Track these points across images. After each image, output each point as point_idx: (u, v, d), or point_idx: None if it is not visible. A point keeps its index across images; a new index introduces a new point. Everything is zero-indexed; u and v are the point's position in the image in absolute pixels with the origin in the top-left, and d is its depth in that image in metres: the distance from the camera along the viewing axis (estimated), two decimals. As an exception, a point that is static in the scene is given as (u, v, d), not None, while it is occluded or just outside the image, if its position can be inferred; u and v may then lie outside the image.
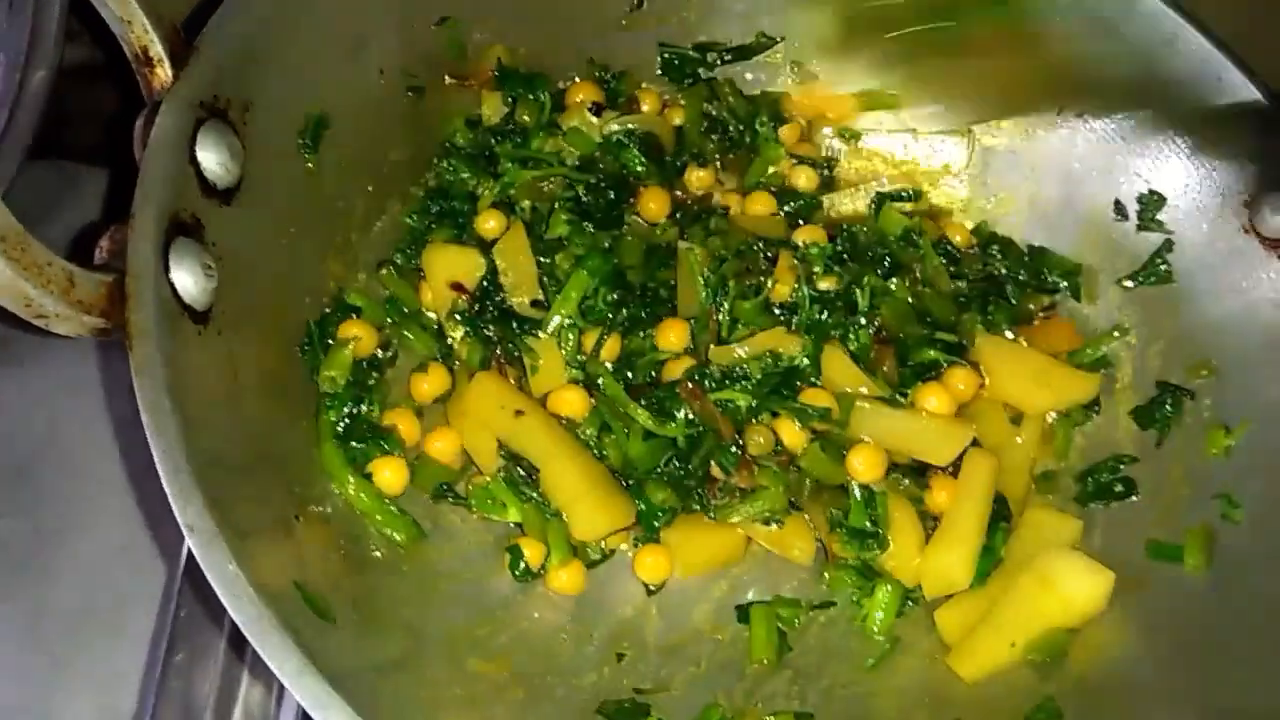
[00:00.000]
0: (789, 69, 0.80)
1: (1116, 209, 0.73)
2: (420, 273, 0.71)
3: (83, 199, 0.82)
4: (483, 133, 0.74)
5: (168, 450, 0.47)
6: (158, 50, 0.56)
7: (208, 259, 0.54)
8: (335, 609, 0.52)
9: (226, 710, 0.64)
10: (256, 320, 0.59)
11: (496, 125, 0.74)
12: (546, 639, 0.63)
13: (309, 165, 0.64)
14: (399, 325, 0.69)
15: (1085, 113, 0.74)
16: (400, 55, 0.69)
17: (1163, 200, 0.71)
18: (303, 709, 0.45)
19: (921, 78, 0.78)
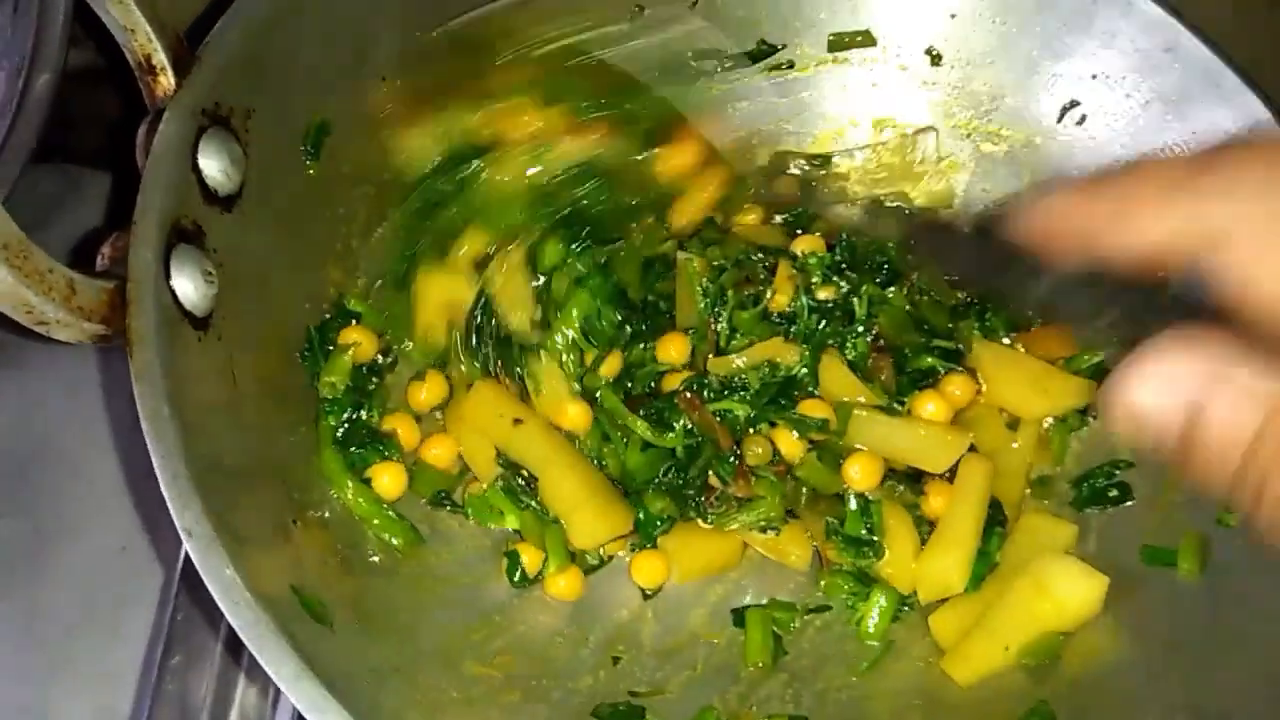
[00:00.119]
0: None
1: (1114, 216, 0.73)
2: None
3: (85, 202, 0.82)
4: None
5: (167, 455, 0.48)
6: (161, 58, 0.56)
7: (208, 266, 0.55)
8: (332, 613, 0.53)
9: (222, 713, 0.64)
10: (256, 326, 0.59)
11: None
12: (543, 642, 0.64)
13: (310, 172, 0.64)
14: (397, 335, 0.69)
15: (1084, 121, 0.74)
16: (401, 63, 0.69)
17: (1160, 207, 0.72)
18: (298, 712, 0.45)
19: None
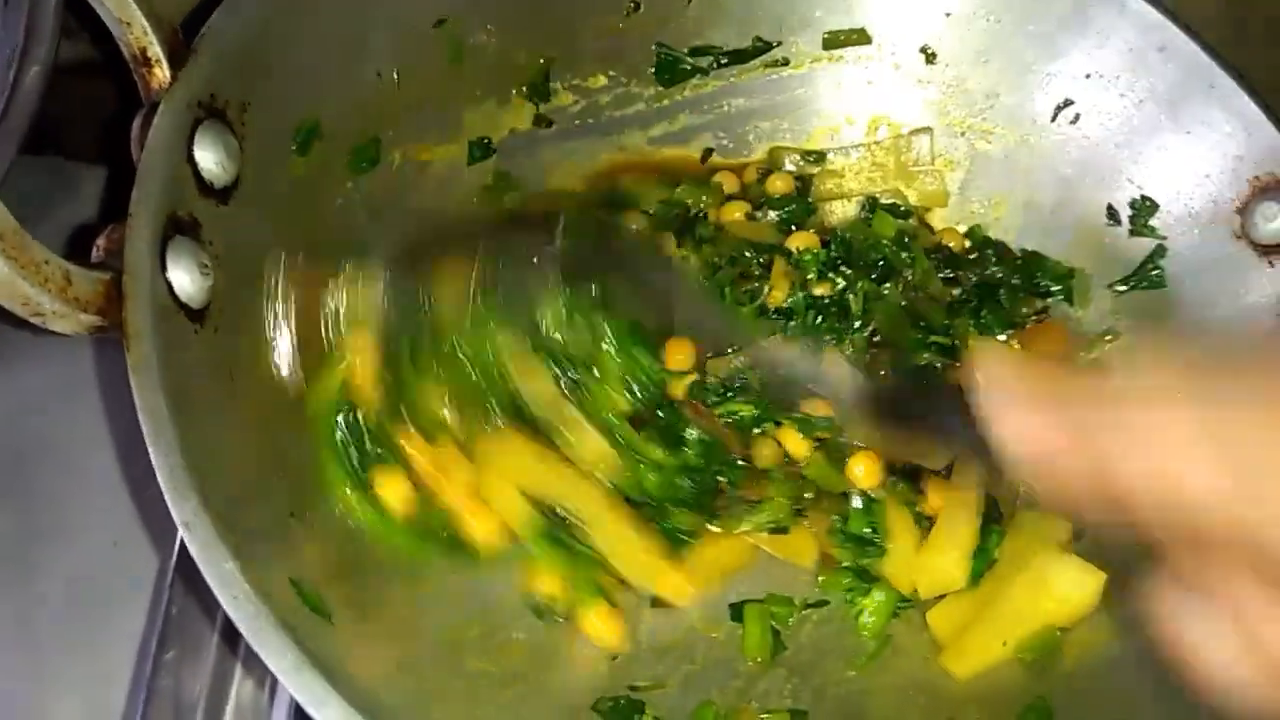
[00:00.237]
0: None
1: (1109, 214, 0.74)
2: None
3: (79, 197, 0.81)
4: None
5: (164, 448, 0.48)
6: (156, 51, 0.56)
7: (204, 258, 0.55)
8: (332, 606, 0.52)
9: (218, 707, 0.64)
10: (253, 320, 0.59)
11: None
12: (543, 638, 0.63)
13: (307, 163, 0.64)
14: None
15: (1078, 120, 0.74)
16: (398, 56, 0.69)
17: (1155, 206, 0.72)
18: (296, 706, 0.45)
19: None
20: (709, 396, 0.68)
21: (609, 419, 0.66)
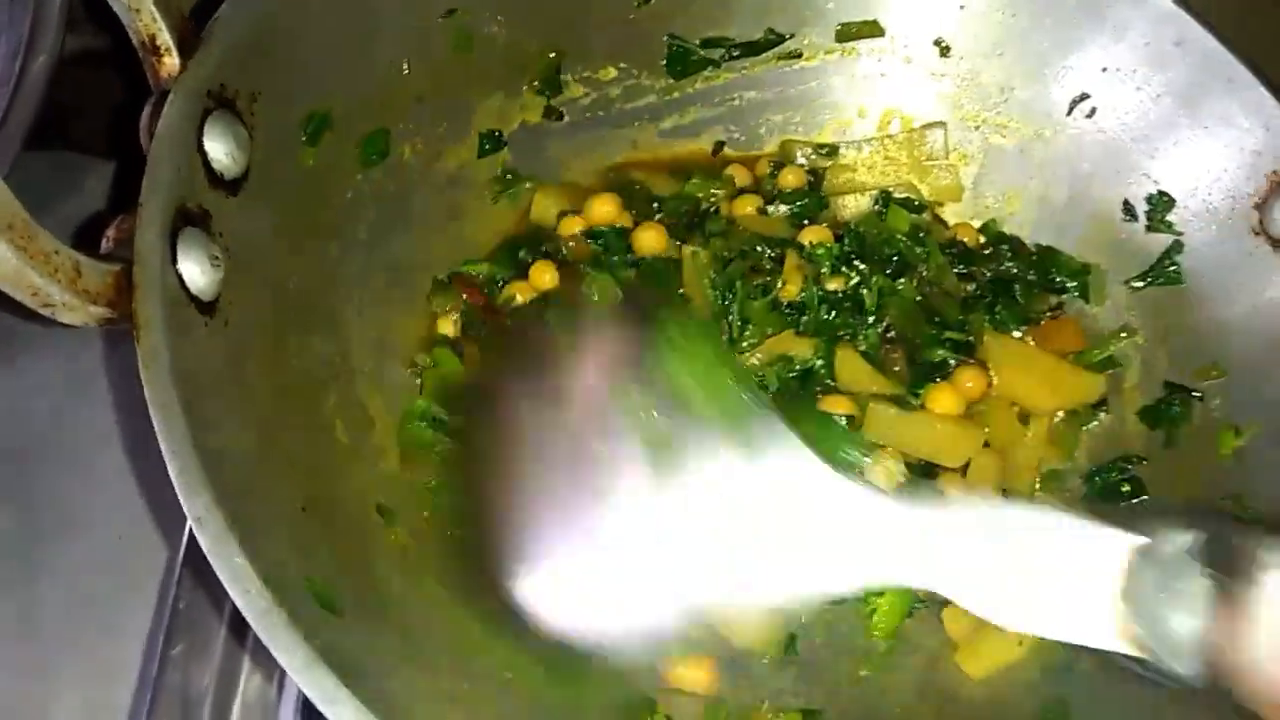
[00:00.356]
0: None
1: (1125, 210, 0.73)
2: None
3: (86, 190, 0.81)
4: None
5: (175, 442, 0.47)
6: (165, 39, 0.55)
7: (215, 250, 0.54)
8: (342, 602, 0.52)
9: (226, 702, 0.63)
10: (263, 311, 0.58)
11: None
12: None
13: (316, 154, 0.63)
14: None
15: (1094, 114, 0.74)
16: (408, 47, 0.69)
17: (1172, 202, 0.71)
18: (304, 699, 0.45)
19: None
20: None
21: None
